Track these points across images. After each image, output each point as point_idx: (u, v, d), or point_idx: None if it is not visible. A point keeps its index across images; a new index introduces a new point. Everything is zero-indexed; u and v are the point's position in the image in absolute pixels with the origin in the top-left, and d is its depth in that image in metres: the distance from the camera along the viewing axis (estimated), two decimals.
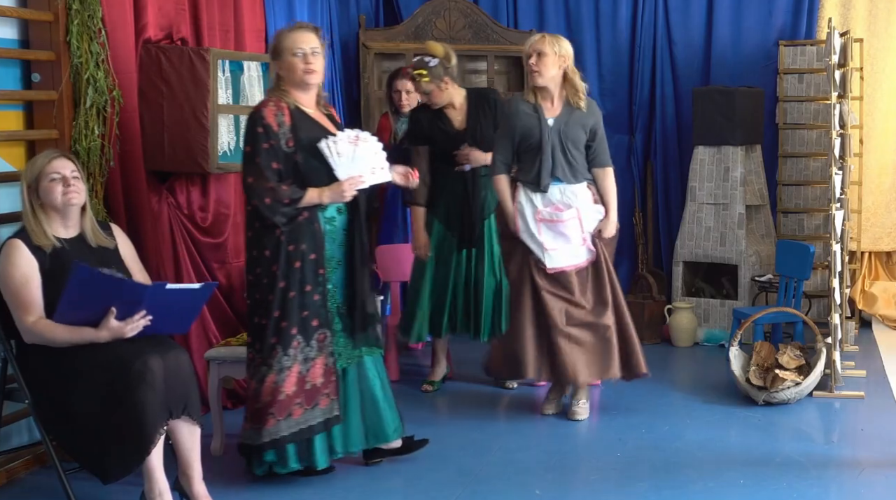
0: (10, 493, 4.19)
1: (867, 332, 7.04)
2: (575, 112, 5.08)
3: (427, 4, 7.14)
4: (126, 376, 3.69)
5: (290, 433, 4.12)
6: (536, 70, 4.98)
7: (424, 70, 5.32)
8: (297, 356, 4.11)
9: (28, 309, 3.78)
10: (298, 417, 4.12)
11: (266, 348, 4.10)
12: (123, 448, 3.73)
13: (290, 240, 4.08)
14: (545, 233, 5.02)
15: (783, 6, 7.19)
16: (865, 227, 7.18)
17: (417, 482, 4.30)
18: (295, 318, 4.09)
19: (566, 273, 5.05)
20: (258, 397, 4.13)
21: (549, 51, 4.97)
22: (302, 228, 4.09)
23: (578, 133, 5.05)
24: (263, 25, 5.91)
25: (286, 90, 4.18)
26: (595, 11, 7.43)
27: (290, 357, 4.10)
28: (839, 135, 5.83)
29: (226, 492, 4.17)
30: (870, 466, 4.47)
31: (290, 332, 4.09)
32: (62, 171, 3.87)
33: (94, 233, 4.00)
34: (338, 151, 4.10)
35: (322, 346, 4.15)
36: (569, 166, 5.04)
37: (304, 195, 4.07)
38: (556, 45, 5.00)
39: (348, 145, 4.12)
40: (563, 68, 5.05)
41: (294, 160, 4.09)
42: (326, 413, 4.16)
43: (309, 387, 4.13)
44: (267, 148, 4.05)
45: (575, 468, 4.55)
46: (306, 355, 4.12)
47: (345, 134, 4.15)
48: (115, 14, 4.66)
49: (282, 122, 4.08)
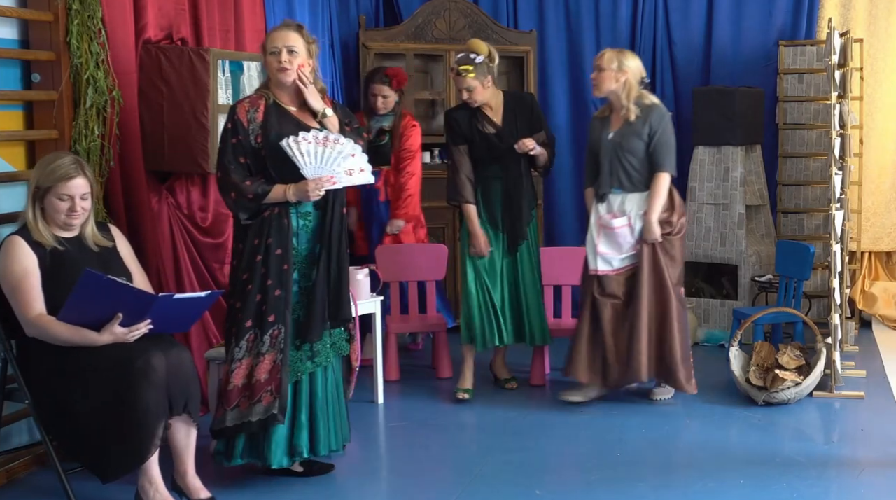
0: (10, 493, 4.19)
1: (867, 332, 7.05)
2: (634, 122, 5.25)
3: (427, 4, 7.14)
4: (128, 374, 3.70)
5: (232, 425, 4.09)
6: (595, 84, 5.33)
7: (470, 66, 5.30)
8: (252, 350, 4.09)
9: (29, 303, 3.79)
10: (244, 409, 4.09)
11: (228, 337, 4.16)
12: (124, 448, 3.73)
13: (255, 234, 4.11)
14: (602, 238, 5.30)
15: (783, 6, 7.19)
16: (865, 227, 7.18)
17: (417, 482, 4.30)
18: (252, 311, 4.09)
19: (610, 277, 5.31)
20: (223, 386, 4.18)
21: (607, 66, 5.24)
22: (270, 222, 4.10)
23: (635, 143, 5.23)
24: (263, 26, 5.91)
25: (269, 87, 4.24)
26: (595, 11, 7.43)
27: (241, 349, 4.08)
28: (839, 135, 5.83)
29: (227, 491, 4.17)
30: (870, 466, 4.47)
31: (245, 325, 4.09)
32: (74, 192, 3.88)
33: (94, 237, 4.01)
34: (302, 150, 4.07)
35: (275, 342, 4.10)
36: (626, 176, 5.26)
37: (269, 191, 4.09)
38: (614, 61, 5.23)
39: (315, 146, 4.09)
40: (623, 82, 5.23)
41: (262, 156, 4.11)
42: (268, 411, 4.07)
43: (255, 381, 4.09)
44: (234, 143, 4.11)
45: (575, 468, 4.55)
46: (259, 350, 4.09)
47: (312, 134, 4.12)
48: (115, 14, 4.66)
49: (252, 118, 4.13)
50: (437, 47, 7.09)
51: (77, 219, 3.93)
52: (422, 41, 7.08)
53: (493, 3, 7.47)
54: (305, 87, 4.17)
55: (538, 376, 5.77)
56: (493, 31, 7.16)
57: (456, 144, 5.45)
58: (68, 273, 3.78)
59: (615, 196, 5.28)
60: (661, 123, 5.24)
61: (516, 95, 5.63)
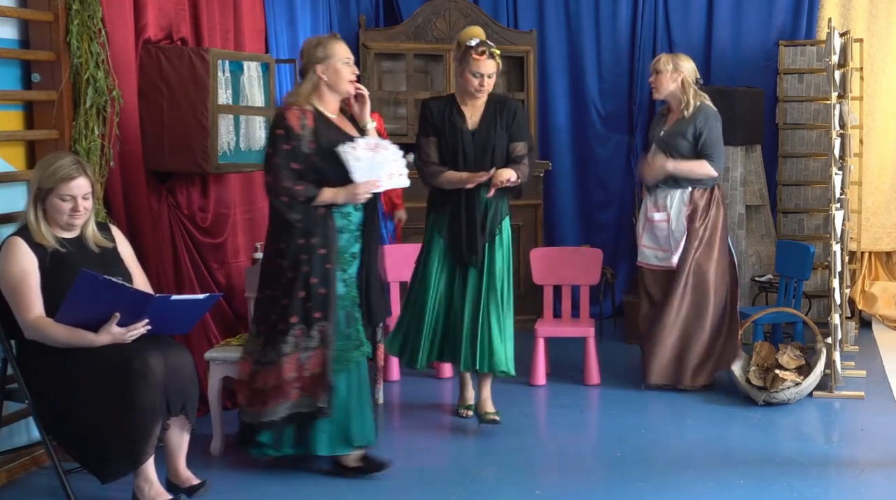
0: (10, 493, 4.19)
1: (867, 332, 7.05)
2: (681, 121, 5.57)
3: (427, 4, 7.14)
4: (126, 374, 3.70)
5: (285, 416, 4.23)
6: (654, 87, 5.64)
7: (497, 50, 4.93)
8: (300, 344, 4.22)
9: (28, 305, 3.79)
10: (295, 400, 4.23)
11: (269, 333, 4.26)
12: (123, 448, 3.74)
13: (301, 234, 4.22)
14: (646, 232, 5.71)
15: (783, 6, 7.20)
16: (865, 227, 7.18)
17: (417, 482, 4.30)
18: (298, 308, 4.21)
19: (654, 272, 5.67)
20: (256, 379, 4.28)
21: (664, 69, 5.56)
22: (316, 223, 4.23)
23: (679, 141, 5.54)
24: (263, 25, 5.91)
25: (313, 95, 4.29)
26: (595, 11, 7.44)
27: (288, 344, 4.22)
28: (839, 135, 5.82)
29: (228, 491, 4.17)
30: (870, 466, 4.47)
31: (291, 320, 4.21)
32: (76, 193, 3.88)
33: (94, 237, 4.01)
34: (356, 156, 4.24)
35: (322, 338, 4.23)
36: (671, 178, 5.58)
37: (319, 194, 4.21)
38: (670, 64, 5.57)
39: (367, 152, 4.26)
40: (680, 82, 5.58)
41: (313, 162, 4.22)
42: (317, 404, 4.23)
43: (307, 375, 4.23)
44: (287, 149, 4.20)
45: (575, 468, 4.55)
46: (306, 345, 4.23)
47: (364, 141, 4.29)
48: (115, 14, 4.66)
49: (304, 124, 4.23)
50: (437, 47, 7.09)
51: (79, 219, 3.93)
52: (422, 41, 7.08)
53: (493, 3, 7.47)
54: (367, 101, 4.38)
55: (539, 375, 5.77)
56: (493, 31, 7.16)
57: (426, 135, 4.94)
58: (69, 274, 3.78)
59: (661, 191, 5.62)
60: (707, 124, 5.53)
61: (501, 98, 5.06)
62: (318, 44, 4.31)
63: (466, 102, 4.95)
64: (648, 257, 5.71)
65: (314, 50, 4.29)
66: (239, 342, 4.71)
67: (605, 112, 7.56)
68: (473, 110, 4.96)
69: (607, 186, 7.60)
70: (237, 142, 5.23)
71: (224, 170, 5.13)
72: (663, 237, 5.62)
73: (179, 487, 4.00)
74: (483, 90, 4.88)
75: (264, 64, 5.38)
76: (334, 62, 4.27)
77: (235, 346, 4.67)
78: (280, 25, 6.18)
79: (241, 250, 5.63)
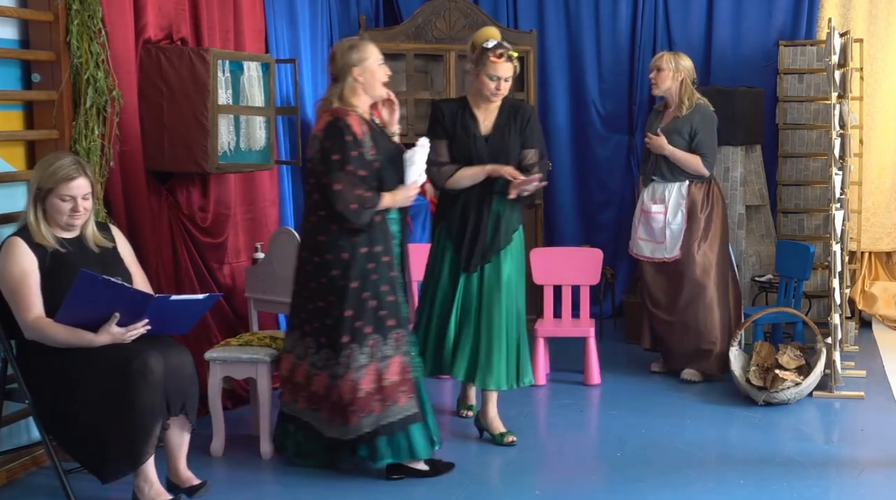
0: (10, 493, 4.19)
1: (867, 332, 7.05)
2: (678, 119, 5.78)
3: (427, 4, 7.13)
4: (126, 374, 3.70)
5: (372, 429, 4.20)
6: (654, 83, 5.83)
7: (515, 52, 4.80)
8: (375, 354, 4.20)
9: (28, 306, 3.79)
10: (380, 413, 4.20)
11: (339, 347, 4.19)
12: (123, 448, 3.74)
13: (364, 242, 4.21)
14: (641, 224, 5.92)
15: (783, 6, 7.20)
16: (865, 227, 7.18)
17: (418, 481, 4.29)
18: (370, 317, 4.20)
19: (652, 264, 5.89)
20: (336, 394, 4.21)
21: (666, 66, 5.76)
22: (376, 230, 4.23)
23: (675, 138, 5.75)
24: (263, 25, 5.91)
25: (353, 99, 4.27)
26: (595, 11, 7.44)
27: (366, 355, 4.19)
28: (839, 135, 5.82)
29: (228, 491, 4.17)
30: (870, 466, 4.47)
31: (365, 331, 4.19)
32: (76, 193, 3.88)
33: (94, 237, 4.01)
34: (415, 159, 4.30)
35: (398, 345, 4.25)
36: (667, 167, 5.80)
37: (381, 200, 4.21)
38: (672, 62, 5.77)
39: (423, 153, 4.32)
40: (680, 81, 5.77)
41: (376, 168, 4.21)
42: (406, 411, 4.23)
43: (387, 384, 4.21)
44: (356, 156, 4.16)
45: (575, 468, 4.55)
46: (383, 354, 4.22)
47: (422, 141, 4.35)
48: (115, 14, 4.66)
49: (364, 131, 4.21)
50: (437, 47, 7.08)
51: (79, 219, 3.93)
52: (422, 41, 7.08)
53: (493, 3, 7.47)
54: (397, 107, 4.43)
55: (539, 375, 5.77)
56: None
57: (438, 137, 4.71)
58: (69, 274, 3.78)
59: (657, 184, 5.84)
60: (703, 123, 5.73)
61: (515, 103, 4.88)
62: (351, 46, 4.28)
63: (480, 105, 4.78)
64: (642, 249, 5.93)
65: (349, 53, 4.25)
66: (239, 343, 4.70)
67: (605, 112, 7.56)
68: (486, 114, 4.79)
69: (607, 186, 7.60)
70: (237, 142, 5.23)
71: (224, 170, 5.13)
72: (658, 229, 5.82)
73: (180, 487, 4.00)
74: (499, 94, 4.72)
75: (264, 64, 5.38)
76: (370, 64, 4.26)
77: (235, 346, 4.67)
78: (280, 25, 6.18)
79: (242, 250, 5.64)
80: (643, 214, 5.91)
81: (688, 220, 5.76)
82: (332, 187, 4.13)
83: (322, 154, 4.18)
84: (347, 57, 4.25)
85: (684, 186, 5.79)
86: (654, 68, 5.82)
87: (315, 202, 4.24)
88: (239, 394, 5.26)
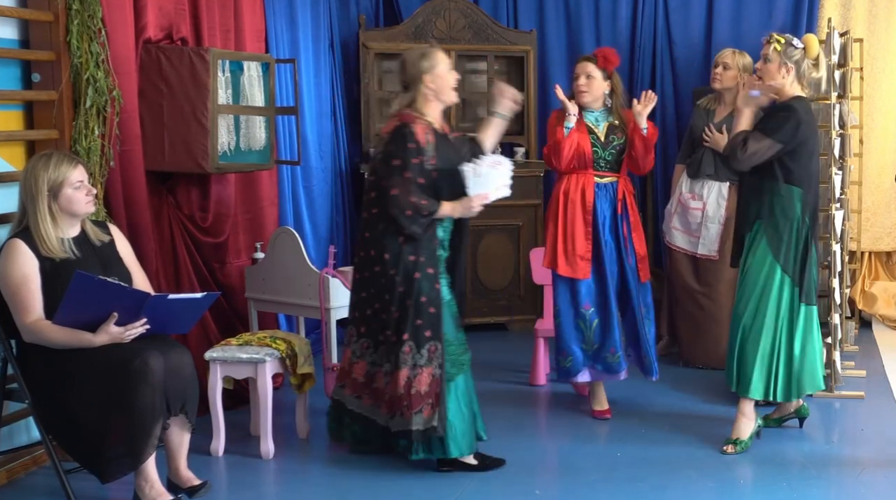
0: (10, 493, 4.19)
1: (867, 332, 7.05)
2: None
3: (427, 4, 7.14)
4: (125, 374, 3.70)
5: (400, 430, 4.26)
6: (720, 79, 5.95)
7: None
8: (407, 361, 4.23)
9: (27, 309, 3.79)
10: (407, 418, 4.24)
11: (376, 341, 4.34)
12: (123, 448, 3.74)
13: (410, 251, 4.25)
14: (677, 214, 6.04)
15: (783, 6, 7.19)
16: (865, 227, 7.18)
17: (418, 481, 4.30)
18: (409, 325, 4.24)
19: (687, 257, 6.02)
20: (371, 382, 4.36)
21: (732, 63, 5.91)
22: (423, 241, 4.26)
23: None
24: (263, 25, 5.91)
25: (425, 106, 4.32)
26: (595, 11, 7.43)
27: (400, 359, 4.24)
28: (839, 135, 5.82)
29: (228, 492, 4.17)
30: (870, 466, 4.47)
31: (403, 337, 4.24)
32: (83, 177, 3.93)
33: (93, 231, 4.02)
34: (477, 172, 4.32)
35: (432, 357, 4.26)
36: (715, 164, 5.88)
37: (439, 208, 4.25)
38: (739, 61, 5.93)
39: (488, 169, 4.34)
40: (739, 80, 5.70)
41: (433, 177, 4.26)
42: (428, 423, 4.24)
43: (414, 392, 4.23)
44: (416, 163, 4.22)
45: (575, 468, 4.54)
46: (416, 362, 4.24)
47: (488, 159, 4.38)
48: (115, 14, 4.66)
49: (428, 140, 4.25)
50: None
51: (94, 202, 3.99)
52: (422, 41, 7.07)
53: (493, 3, 7.46)
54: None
55: (539, 375, 5.77)
56: (493, 31, 7.16)
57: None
58: (69, 277, 3.76)
59: (697, 181, 5.95)
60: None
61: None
62: (422, 55, 4.33)
63: None
64: (677, 239, 6.07)
65: (420, 61, 4.31)
66: (239, 342, 4.70)
67: None
68: None
69: None
70: (237, 142, 5.24)
71: (224, 170, 5.13)
72: (695, 223, 5.94)
73: (180, 487, 4.00)
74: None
75: (264, 64, 5.38)
76: (440, 70, 4.32)
77: (235, 346, 4.67)
78: (280, 25, 6.18)
79: (242, 250, 5.64)
80: (680, 205, 6.02)
81: (726, 222, 5.84)
82: (390, 191, 4.20)
83: (384, 156, 4.27)
84: (419, 65, 4.31)
85: (725, 187, 5.89)
86: (719, 64, 5.95)
87: (370, 199, 4.35)
88: (238, 394, 5.26)
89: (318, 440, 4.82)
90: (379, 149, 4.36)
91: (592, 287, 5.02)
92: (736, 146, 4.49)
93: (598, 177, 4.99)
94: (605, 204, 5.02)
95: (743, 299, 4.59)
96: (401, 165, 4.21)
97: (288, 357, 4.63)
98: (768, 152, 4.46)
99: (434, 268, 4.31)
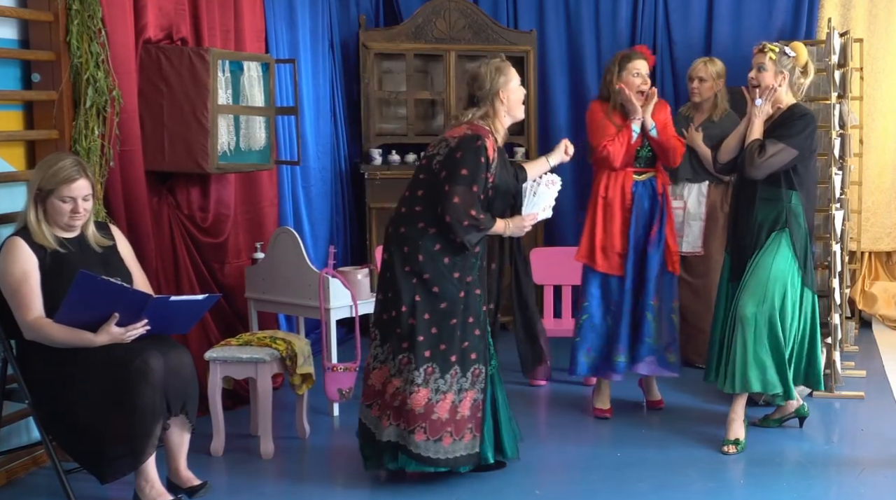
0: (10, 493, 4.19)
1: (867, 332, 7.05)
2: (712, 124, 5.98)
3: (427, 4, 7.13)
4: (126, 374, 3.70)
5: (436, 458, 4.11)
6: (696, 92, 6.05)
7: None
8: (453, 385, 4.14)
9: (27, 306, 3.79)
10: (447, 446, 4.13)
11: (419, 359, 4.09)
12: (123, 448, 3.74)
13: (457, 267, 4.16)
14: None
15: (783, 6, 7.19)
16: (865, 227, 7.18)
17: (417, 481, 4.30)
18: (456, 347, 4.14)
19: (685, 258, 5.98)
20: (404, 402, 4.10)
21: (706, 74, 6.01)
22: (467, 256, 4.17)
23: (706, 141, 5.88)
24: (263, 26, 5.91)
25: (497, 122, 4.28)
26: (595, 11, 7.43)
27: (446, 382, 4.12)
28: (839, 135, 5.83)
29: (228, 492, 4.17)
30: (870, 466, 4.47)
31: (450, 359, 4.13)
32: (76, 194, 3.89)
33: (94, 237, 4.02)
34: (536, 191, 4.37)
35: (475, 381, 4.18)
36: (693, 168, 5.99)
37: (493, 225, 4.22)
38: (713, 72, 6.02)
39: (545, 188, 4.40)
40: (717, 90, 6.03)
41: (489, 194, 4.23)
42: (469, 448, 4.17)
43: (458, 417, 4.15)
44: (483, 179, 4.16)
45: (575, 468, 4.55)
46: (461, 386, 4.15)
47: (546, 177, 4.44)
48: (115, 14, 4.66)
49: (495, 158, 4.22)
50: (437, 47, 7.08)
51: (79, 220, 3.94)
52: (422, 41, 7.08)
53: (493, 3, 7.46)
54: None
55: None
56: (493, 31, 7.16)
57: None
58: (69, 275, 3.78)
59: (681, 183, 6.03)
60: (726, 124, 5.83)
61: None
62: (497, 69, 4.26)
63: None
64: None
65: (496, 76, 4.24)
66: (239, 343, 4.69)
67: None
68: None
69: None
70: (237, 142, 5.24)
71: (224, 170, 5.13)
72: (678, 222, 5.88)
73: (180, 487, 4.00)
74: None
75: (264, 64, 5.38)
76: (514, 85, 4.29)
77: (235, 346, 4.67)
78: (280, 25, 6.18)
79: (242, 251, 5.64)
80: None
81: (707, 219, 6.00)
82: (452, 199, 4.09)
83: (449, 160, 4.14)
84: (495, 80, 4.25)
85: (704, 186, 6.02)
86: (695, 78, 6.03)
87: (415, 196, 4.19)
88: (238, 394, 5.26)
89: (318, 440, 4.82)
90: (441, 151, 4.20)
91: (625, 283, 5.10)
92: (753, 153, 4.54)
93: (636, 174, 5.11)
94: (644, 200, 5.10)
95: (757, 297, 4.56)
96: (469, 177, 4.10)
97: (288, 357, 4.63)
98: (786, 158, 4.55)
99: (482, 290, 4.25)
